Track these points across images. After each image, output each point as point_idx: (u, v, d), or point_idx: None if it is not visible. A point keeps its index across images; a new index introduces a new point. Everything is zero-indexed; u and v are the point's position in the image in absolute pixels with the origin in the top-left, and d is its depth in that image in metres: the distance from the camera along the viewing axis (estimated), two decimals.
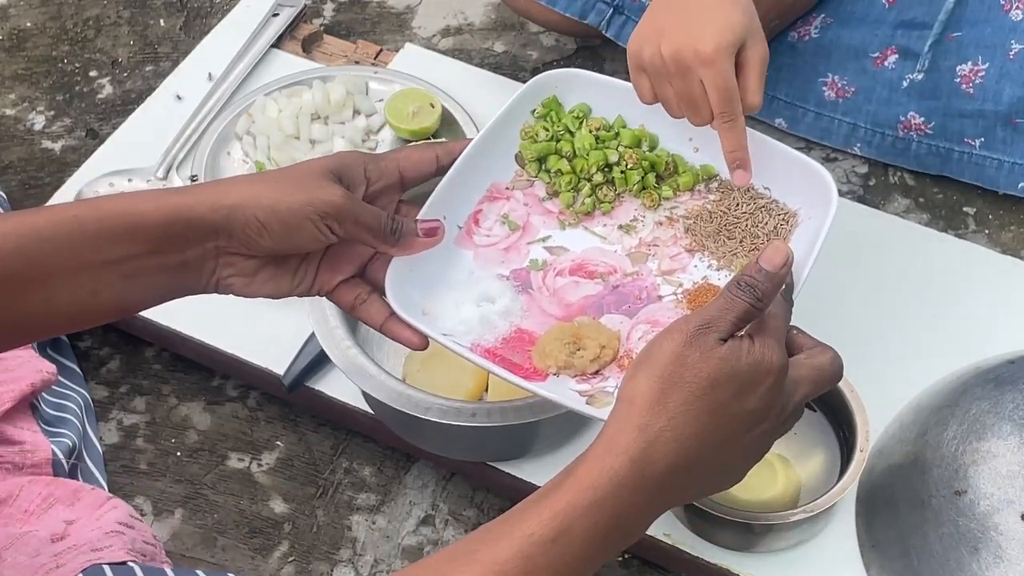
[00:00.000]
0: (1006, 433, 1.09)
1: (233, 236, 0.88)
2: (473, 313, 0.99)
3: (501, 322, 0.99)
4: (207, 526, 1.23)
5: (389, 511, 1.23)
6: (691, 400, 0.79)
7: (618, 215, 1.06)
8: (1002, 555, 1.05)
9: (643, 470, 0.78)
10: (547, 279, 1.02)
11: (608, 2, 1.44)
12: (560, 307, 1.01)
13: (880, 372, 1.21)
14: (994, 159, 1.37)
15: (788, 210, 1.04)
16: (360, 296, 0.97)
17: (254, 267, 0.92)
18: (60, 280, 0.85)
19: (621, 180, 1.06)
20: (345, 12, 1.67)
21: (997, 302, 1.27)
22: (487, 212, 1.05)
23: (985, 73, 1.35)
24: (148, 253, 0.87)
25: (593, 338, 0.97)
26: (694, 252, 1.03)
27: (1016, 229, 1.38)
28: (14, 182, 1.48)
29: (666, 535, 1.14)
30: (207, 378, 1.32)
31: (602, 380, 0.96)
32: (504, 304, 1.00)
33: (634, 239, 1.05)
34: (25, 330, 0.89)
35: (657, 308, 1.00)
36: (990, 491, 1.07)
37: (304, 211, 0.89)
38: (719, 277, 1.01)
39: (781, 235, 1.03)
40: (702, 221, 1.05)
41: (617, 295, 1.01)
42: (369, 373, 1.10)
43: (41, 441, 1.15)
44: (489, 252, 1.03)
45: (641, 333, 0.99)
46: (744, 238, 1.03)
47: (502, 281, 1.02)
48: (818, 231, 0.98)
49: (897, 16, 1.40)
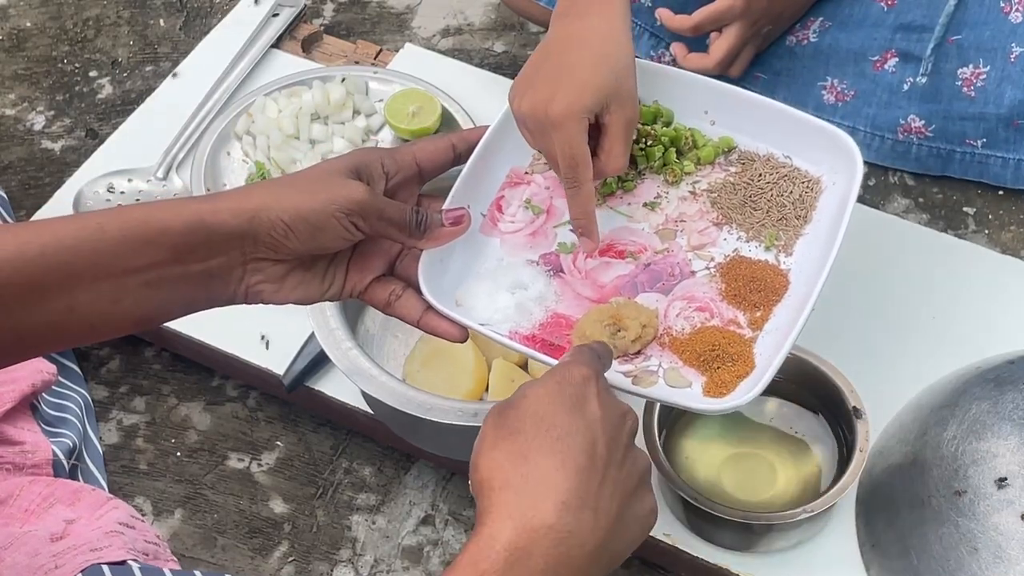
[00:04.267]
0: (1006, 433, 1.09)
1: (258, 240, 0.88)
2: (508, 301, 1.00)
3: (536, 308, 1.00)
4: (207, 526, 1.23)
5: (389, 511, 1.23)
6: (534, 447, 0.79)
7: (641, 193, 1.06)
8: (1002, 555, 1.05)
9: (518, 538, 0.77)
10: (577, 261, 1.02)
11: None
12: (594, 289, 1.01)
13: (880, 372, 1.21)
14: (998, 157, 1.37)
15: (811, 177, 1.04)
16: (394, 292, 0.96)
17: (282, 272, 0.91)
18: (82, 289, 0.84)
19: (642, 157, 1.06)
20: (345, 12, 1.67)
21: (997, 302, 1.27)
22: (509, 198, 1.05)
23: (986, 76, 1.35)
24: (170, 262, 0.86)
25: (633, 318, 0.97)
26: (722, 225, 1.04)
27: (1016, 229, 1.38)
28: (14, 182, 1.48)
29: (666, 535, 1.14)
30: (207, 378, 1.32)
31: (644, 359, 0.97)
32: (538, 290, 1.01)
33: (660, 216, 1.05)
34: (47, 339, 0.88)
35: (692, 283, 1.01)
36: (990, 491, 1.07)
37: (328, 209, 0.88)
38: (750, 249, 1.02)
39: (807, 202, 1.03)
40: (726, 193, 1.05)
41: (650, 273, 1.02)
42: (369, 373, 1.10)
43: (41, 441, 1.15)
44: (516, 238, 1.04)
45: (678, 310, 1.00)
46: (770, 208, 1.04)
47: (533, 267, 1.02)
48: (846, 195, 0.99)
49: (896, 19, 1.39)
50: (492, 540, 0.75)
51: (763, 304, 0.99)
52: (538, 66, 1.02)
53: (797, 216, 1.04)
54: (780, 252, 1.02)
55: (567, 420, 0.80)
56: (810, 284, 0.97)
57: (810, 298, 0.95)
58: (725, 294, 1.00)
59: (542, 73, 1.01)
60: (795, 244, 1.02)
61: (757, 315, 0.99)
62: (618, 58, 1.01)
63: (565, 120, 0.97)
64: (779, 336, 0.96)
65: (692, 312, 1.00)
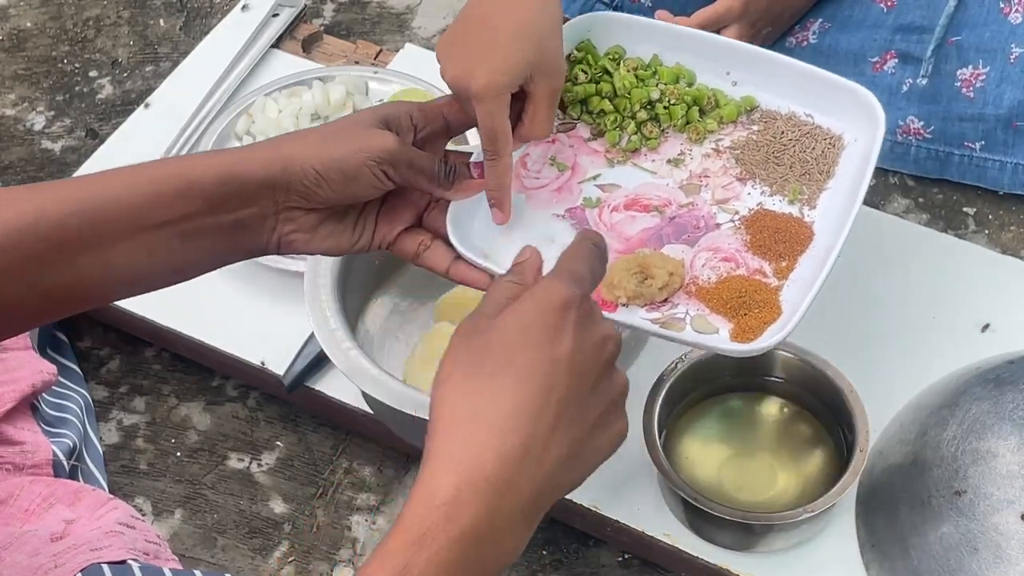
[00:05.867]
0: (1006, 433, 1.09)
1: (291, 189, 0.90)
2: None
3: None
4: (207, 526, 1.23)
5: (389, 511, 1.23)
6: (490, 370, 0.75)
7: (665, 150, 1.08)
8: (1002, 555, 1.05)
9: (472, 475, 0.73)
10: (603, 215, 1.04)
11: (607, 2, 1.43)
12: (620, 241, 1.03)
13: (880, 372, 1.21)
14: (996, 160, 1.37)
15: (833, 134, 1.06)
16: (423, 243, 0.98)
17: (315, 221, 0.93)
18: (116, 244, 0.86)
19: (665, 116, 1.08)
20: (345, 12, 1.67)
21: (997, 302, 1.27)
22: (533, 155, 1.07)
23: (986, 77, 1.34)
24: (203, 213, 0.88)
25: (660, 267, 0.99)
26: (745, 180, 1.06)
27: (1016, 229, 1.38)
28: (14, 182, 1.48)
29: (666, 535, 1.14)
30: (207, 378, 1.32)
31: (671, 307, 0.99)
32: (564, 242, 0.98)
33: (684, 172, 1.07)
34: (82, 296, 0.89)
35: (717, 236, 1.03)
36: (990, 491, 1.07)
37: (359, 157, 0.90)
38: (774, 202, 1.04)
39: (829, 158, 1.05)
40: (749, 150, 1.07)
41: (675, 226, 1.04)
42: (369, 373, 1.10)
43: (42, 441, 1.15)
44: (541, 193, 1.06)
45: (704, 260, 1.02)
46: (793, 164, 1.06)
47: (559, 221, 1.04)
48: (868, 151, 1.02)
49: (895, 20, 1.39)
50: (432, 497, 0.73)
51: (788, 254, 1.01)
52: (464, 29, 1.01)
53: (820, 171, 1.05)
54: (804, 205, 1.05)
55: (531, 357, 0.75)
56: (834, 235, 0.99)
57: (834, 248, 0.97)
58: (750, 245, 1.02)
59: (467, 39, 1.00)
60: (818, 198, 1.04)
61: (782, 265, 1.01)
62: (541, 25, 1.00)
63: (485, 96, 0.97)
64: (804, 285, 0.98)
65: (718, 262, 1.02)
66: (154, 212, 0.87)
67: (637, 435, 1.12)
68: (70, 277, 0.86)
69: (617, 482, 1.17)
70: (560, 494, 0.78)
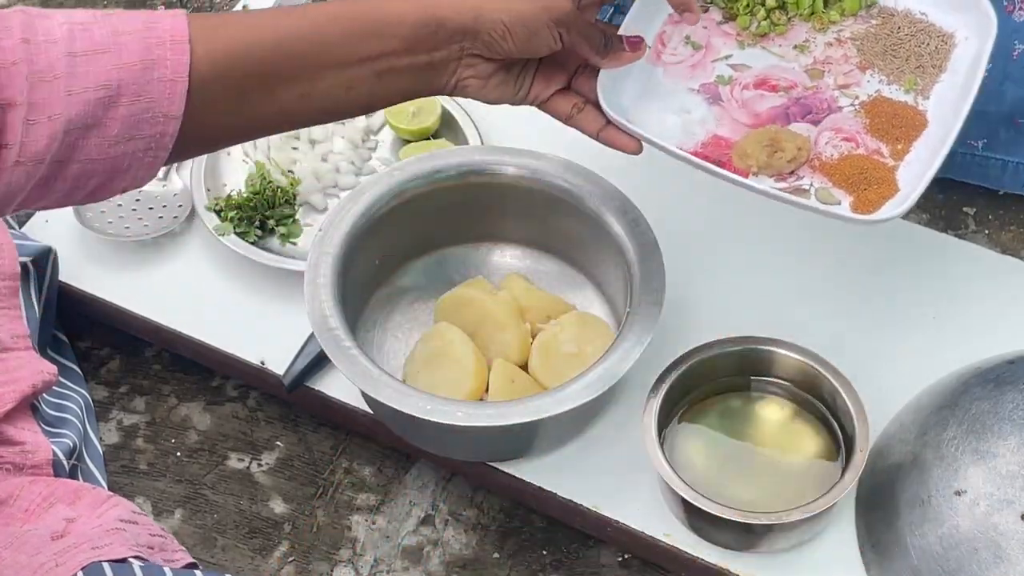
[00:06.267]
0: (1006, 433, 1.09)
1: (478, 38, 0.98)
2: (674, 121, 1.11)
3: (699, 129, 1.11)
4: (207, 526, 1.23)
5: (389, 511, 1.23)
6: None
7: (791, 37, 1.18)
8: (1002, 555, 1.05)
9: None
10: (735, 92, 1.14)
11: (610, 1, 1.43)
12: (750, 116, 1.13)
13: (880, 372, 1.21)
14: (998, 159, 1.37)
15: (945, 32, 1.17)
16: (577, 106, 1.07)
17: (490, 71, 1.01)
18: (319, 77, 0.94)
19: (793, 4, 1.19)
20: None
21: (997, 302, 1.27)
22: (670, 33, 1.17)
23: (988, 75, 1.34)
24: (400, 52, 0.96)
25: (789, 141, 1.09)
26: (865, 69, 1.16)
27: (1016, 229, 1.38)
28: None
29: (666, 535, 1.14)
30: (207, 378, 1.32)
31: (797, 179, 1.09)
32: (700, 114, 1.12)
33: (808, 57, 1.17)
34: (282, 123, 0.99)
35: (839, 117, 1.13)
36: (990, 491, 1.07)
37: (542, 17, 0.99)
38: (891, 91, 1.14)
39: (941, 54, 1.16)
40: (869, 42, 1.17)
41: (801, 106, 1.14)
42: (369, 373, 1.10)
43: (42, 442, 1.15)
44: (678, 69, 1.16)
45: (827, 139, 1.12)
46: (909, 56, 1.16)
47: (694, 94, 1.14)
48: (980, 50, 1.13)
49: None
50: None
51: (903, 138, 1.11)
52: None
53: (933, 65, 1.15)
54: (918, 95, 1.14)
55: None
56: (947, 125, 1.09)
57: (949, 136, 1.07)
58: (869, 128, 1.12)
59: None
60: (932, 89, 1.14)
61: (898, 147, 1.11)
62: None
63: None
64: (920, 166, 1.08)
65: (839, 141, 1.11)
66: (356, 48, 0.95)
67: (637, 435, 1.12)
68: (271, 107, 0.94)
69: (617, 482, 1.17)
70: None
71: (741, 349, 1.17)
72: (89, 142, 0.89)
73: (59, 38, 0.87)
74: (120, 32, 0.89)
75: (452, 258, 1.29)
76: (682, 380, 1.15)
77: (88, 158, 0.89)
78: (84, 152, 0.89)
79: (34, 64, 0.86)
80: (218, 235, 1.31)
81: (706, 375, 1.16)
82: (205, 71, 0.90)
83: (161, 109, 0.89)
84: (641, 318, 1.13)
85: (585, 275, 1.28)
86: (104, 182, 0.92)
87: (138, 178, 0.93)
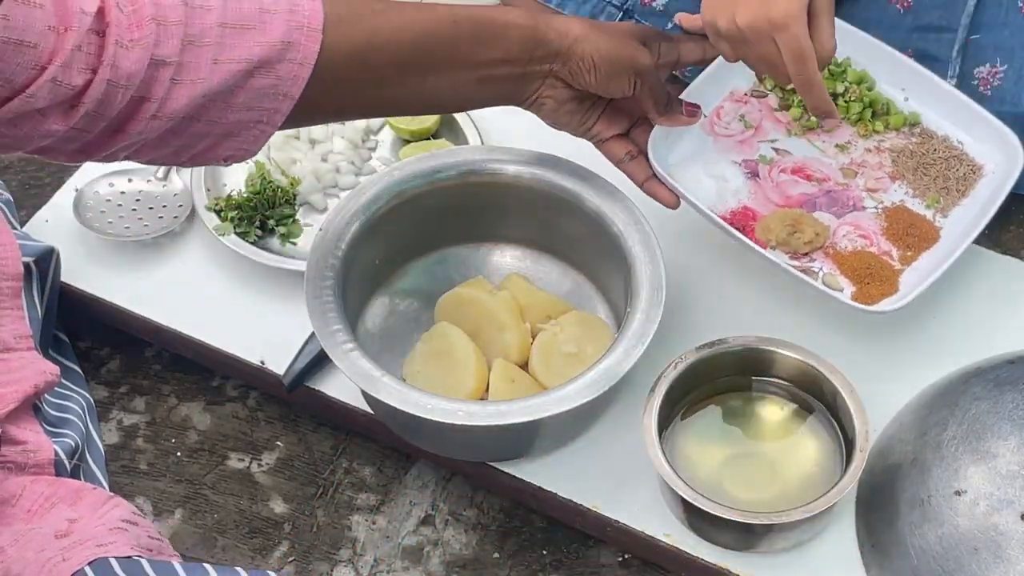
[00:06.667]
0: (1006, 433, 1.09)
1: (567, 64, 1.06)
2: (711, 186, 1.23)
3: (732, 198, 1.24)
4: (207, 526, 1.23)
5: (389, 511, 1.23)
6: None
7: (836, 136, 1.29)
8: (1002, 555, 1.05)
9: None
10: (772, 173, 1.25)
11: (618, 5, 1.43)
12: (781, 197, 1.24)
13: (880, 372, 1.21)
14: None
15: (977, 164, 1.26)
16: (630, 152, 1.16)
17: (566, 97, 1.09)
18: (434, 74, 1.02)
19: (843, 108, 1.29)
20: None
21: (997, 302, 1.27)
22: (728, 109, 1.29)
23: (1003, 75, 1.34)
24: (504, 61, 1.04)
25: (809, 226, 1.20)
26: (895, 179, 1.26)
27: (1016, 229, 1.38)
28: (14, 182, 1.48)
29: (666, 535, 1.14)
30: (207, 378, 1.32)
31: (810, 261, 1.21)
32: (736, 185, 1.24)
33: (846, 158, 1.28)
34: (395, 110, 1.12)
35: (860, 215, 1.24)
36: (990, 491, 1.07)
37: (626, 62, 1.07)
38: (914, 203, 1.25)
39: (968, 181, 1.25)
40: (904, 156, 1.27)
41: (829, 198, 1.25)
42: (369, 373, 1.10)
43: (44, 441, 1.15)
44: (726, 141, 1.27)
45: (845, 232, 1.23)
46: (938, 177, 1.26)
47: (735, 167, 1.26)
48: (1003, 183, 1.22)
49: (913, 21, 1.38)
50: None
51: (915, 247, 1.22)
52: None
53: (958, 190, 1.25)
54: (938, 213, 1.24)
55: None
56: (955, 243, 1.19)
57: (954, 254, 1.17)
58: (886, 231, 1.23)
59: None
60: (951, 210, 1.24)
61: (908, 254, 1.21)
62: None
63: (788, 20, 1.07)
64: (921, 274, 1.18)
65: (856, 236, 1.22)
66: (474, 52, 1.02)
67: (637, 435, 1.12)
68: (394, 94, 1.02)
69: (617, 482, 1.17)
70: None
71: (741, 349, 1.17)
72: (216, 105, 0.94)
73: (214, 6, 0.92)
74: (266, 10, 0.94)
75: (452, 258, 1.29)
76: (682, 380, 1.15)
77: (210, 119, 0.94)
78: (209, 114, 0.94)
79: (190, 27, 0.91)
80: (218, 235, 1.31)
81: (706, 375, 1.17)
82: (338, 59, 0.96)
83: (284, 88, 0.95)
84: (641, 318, 1.13)
85: (585, 275, 1.28)
86: (212, 145, 0.97)
87: (243, 148, 0.98)
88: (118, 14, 0.88)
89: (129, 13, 0.89)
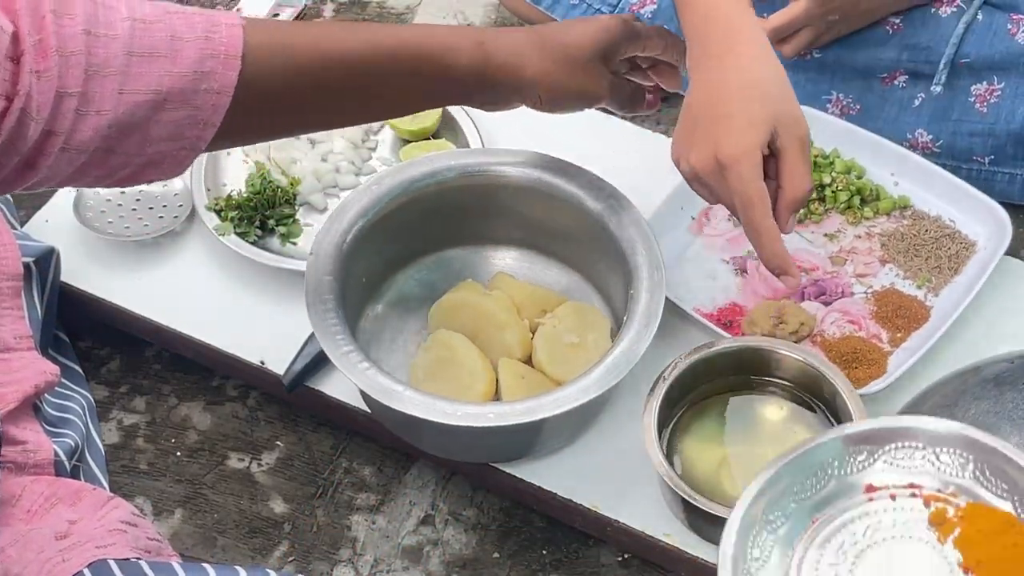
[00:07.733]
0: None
1: (522, 96, 1.08)
2: (700, 286, 1.25)
3: (720, 295, 1.25)
4: (207, 526, 1.23)
5: (389, 511, 1.23)
6: None
7: (825, 226, 1.31)
8: None
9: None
10: (760, 267, 1.20)
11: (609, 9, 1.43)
12: (769, 290, 1.25)
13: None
14: (1005, 173, 1.36)
15: (969, 241, 1.28)
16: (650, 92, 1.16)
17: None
18: (378, 97, 1.04)
19: (831, 198, 1.31)
20: (345, 12, 1.67)
21: (998, 302, 1.27)
22: (716, 212, 1.30)
23: (1001, 93, 1.34)
24: (457, 94, 1.07)
25: (795, 316, 1.20)
26: (885, 263, 1.27)
27: (1016, 229, 1.38)
28: None
29: (666, 535, 1.14)
30: (207, 378, 1.32)
31: None
32: (724, 282, 1.26)
33: (835, 246, 1.29)
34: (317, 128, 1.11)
35: (849, 302, 1.25)
36: None
37: (573, 97, 1.09)
38: (904, 285, 1.26)
39: (960, 259, 1.26)
40: (895, 240, 1.29)
41: (817, 287, 1.25)
42: (369, 374, 1.10)
43: (44, 441, 1.15)
44: (716, 241, 1.29)
45: (833, 319, 1.23)
46: (929, 257, 1.27)
47: (724, 264, 1.28)
48: (991, 256, 1.24)
49: (902, 41, 1.37)
50: None
51: (904, 328, 1.22)
52: (692, 123, 1.06)
53: (950, 268, 1.27)
54: (929, 292, 1.26)
55: None
56: (944, 319, 1.20)
57: (939, 330, 1.19)
58: (875, 315, 1.23)
59: (700, 124, 1.05)
60: (943, 289, 1.25)
61: (897, 336, 1.22)
62: (770, 83, 1.05)
63: (735, 161, 1.01)
64: (908, 354, 1.19)
65: (844, 323, 1.23)
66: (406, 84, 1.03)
67: (637, 435, 1.12)
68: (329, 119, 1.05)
69: (617, 482, 1.17)
70: None
71: (741, 349, 1.17)
72: (132, 138, 0.91)
73: (120, 34, 0.89)
74: (178, 37, 0.91)
75: (452, 259, 1.29)
76: (682, 380, 1.15)
77: (127, 152, 0.92)
78: (125, 146, 0.91)
79: (92, 56, 0.88)
80: (218, 235, 1.31)
81: (706, 375, 1.16)
82: (260, 86, 0.94)
83: (203, 117, 0.93)
84: (641, 318, 1.13)
85: (585, 276, 1.27)
86: (136, 172, 0.95)
87: (168, 172, 0.96)
88: (29, 41, 0.85)
89: (35, 43, 0.85)
